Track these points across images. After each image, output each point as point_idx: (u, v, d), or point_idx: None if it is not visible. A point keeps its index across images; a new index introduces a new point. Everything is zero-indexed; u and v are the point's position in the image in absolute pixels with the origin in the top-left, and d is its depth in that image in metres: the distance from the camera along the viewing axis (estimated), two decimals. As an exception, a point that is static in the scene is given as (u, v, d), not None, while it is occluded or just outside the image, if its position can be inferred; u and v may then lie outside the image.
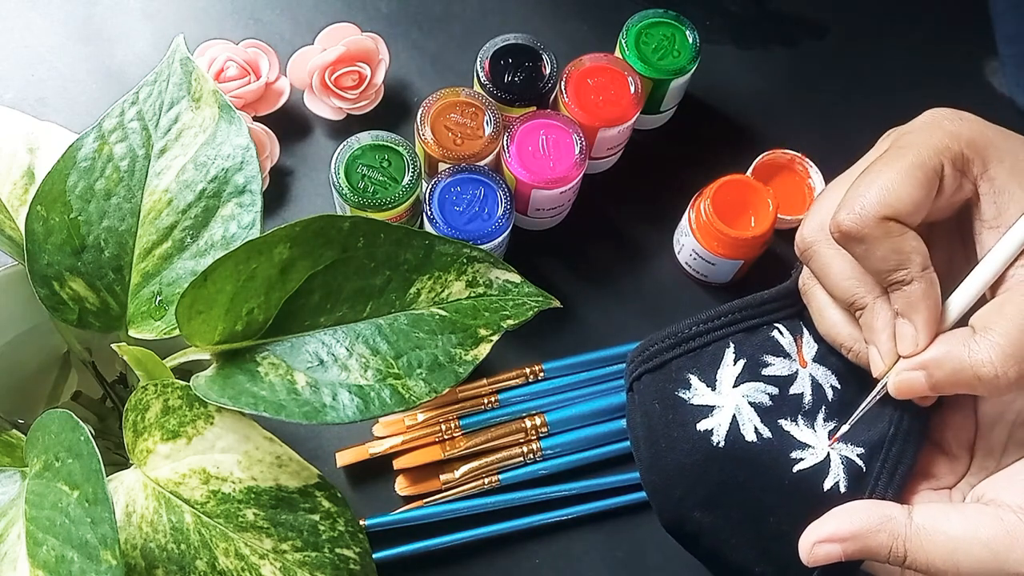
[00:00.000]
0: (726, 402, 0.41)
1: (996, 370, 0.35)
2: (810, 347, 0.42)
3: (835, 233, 0.38)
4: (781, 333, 0.42)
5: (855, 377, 0.42)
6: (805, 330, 0.43)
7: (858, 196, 0.37)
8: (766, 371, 0.41)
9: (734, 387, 0.41)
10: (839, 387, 0.42)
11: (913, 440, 0.40)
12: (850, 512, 0.37)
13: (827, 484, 0.39)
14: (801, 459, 0.40)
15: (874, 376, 0.39)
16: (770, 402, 0.41)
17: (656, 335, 0.43)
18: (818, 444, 0.41)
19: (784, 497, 0.40)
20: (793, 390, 0.41)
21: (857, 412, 0.40)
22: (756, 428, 0.40)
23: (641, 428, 0.42)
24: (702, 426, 0.41)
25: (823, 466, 0.40)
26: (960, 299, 0.38)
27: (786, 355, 0.42)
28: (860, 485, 0.40)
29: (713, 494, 0.41)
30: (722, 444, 0.40)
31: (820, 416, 0.41)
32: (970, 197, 0.39)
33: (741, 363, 0.41)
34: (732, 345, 0.42)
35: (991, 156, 0.38)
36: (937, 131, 0.38)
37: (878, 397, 0.39)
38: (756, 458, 0.40)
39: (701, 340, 0.42)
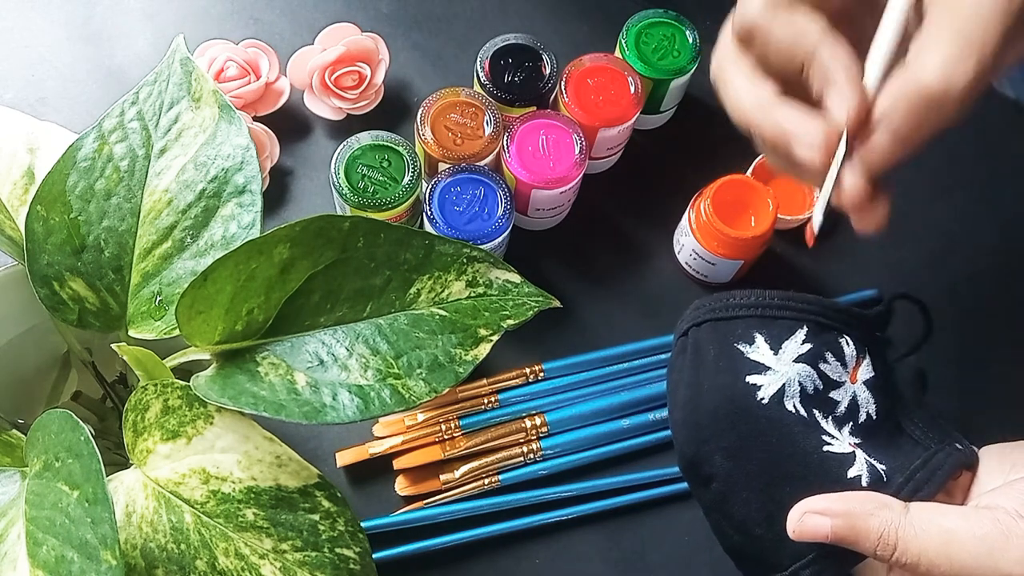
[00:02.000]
0: (783, 369, 0.42)
1: (944, 80, 0.33)
2: (866, 371, 0.43)
3: (736, 38, 0.37)
4: (848, 344, 0.43)
5: (893, 418, 0.42)
6: (869, 356, 0.43)
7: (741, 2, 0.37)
8: (822, 366, 0.42)
9: (794, 361, 0.41)
10: (875, 417, 0.42)
11: (938, 478, 0.40)
12: (848, 494, 0.37)
13: (851, 473, 0.40)
14: (830, 444, 0.40)
15: (810, 166, 0.36)
16: (812, 392, 0.42)
17: (733, 292, 0.44)
18: (843, 442, 0.41)
19: (808, 470, 0.40)
20: (833, 395, 0.42)
21: (820, 198, 0.37)
22: (795, 405, 0.41)
23: (688, 369, 0.43)
24: (752, 379, 0.41)
25: (849, 457, 0.40)
26: (882, 43, 0.36)
27: (844, 364, 0.42)
28: (879, 492, 0.40)
29: (740, 445, 0.41)
30: (765, 401, 0.41)
31: (847, 428, 0.42)
32: None
33: (808, 346, 0.42)
34: (806, 328, 0.43)
35: None
36: None
37: (833, 188, 0.36)
38: (791, 426, 0.41)
39: (780, 312, 0.43)
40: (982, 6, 0.34)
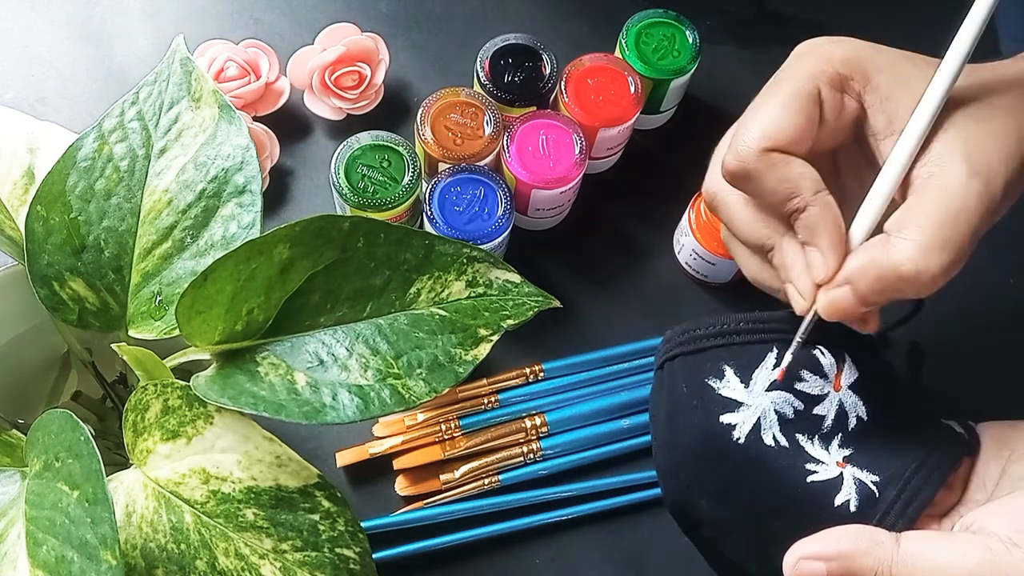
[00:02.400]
0: (755, 402, 0.41)
1: (917, 265, 0.35)
2: (850, 374, 0.42)
3: (725, 176, 0.38)
4: (823, 354, 0.42)
5: (886, 408, 0.42)
6: (848, 359, 0.42)
7: (739, 136, 0.38)
8: (799, 385, 0.41)
9: (767, 391, 0.41)
10: (866, 419, 0.41)
11: (935, 479, 0.39)
12: (839, 533, 0.37)
13: (838, 500, 0.39)
14: (815, 472, 0.40)
15: (798, 313, 0.39)
16: (793, 415, 0.41)
17: (700, 321, 0.43)
18: (829, 464, 0.40)
19: (794, 504, 0.40)
20: (817, 411, 0.41)
21: (796, 336, 0.40)
22: (774, 436, 0.40)
23: (664, 407, 0.42)
24: (725, 419, 0.40)
25: (836, 482, 0.40)
26: (869, 210, 0.38)
27: (824, 375, 0.42)
28: (870, 511, 0.39)
29: (723, 487, 0.40)
30: (742, 441, 0.40)
31: (836, 441, 0.41)
32: (858, 114, 0.39)
33: (778, 371, 0.41)
34: (775, 350, 0.41)
35: (869, 69, 0.38)
36: (810, 57, 0.39)
37: (810, 327, 0.40)
38: (772, 462, 0.40)
39: (748, 337, 0.42)
40: (966, 198, 0.35)
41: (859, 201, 0.38)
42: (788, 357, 0.41)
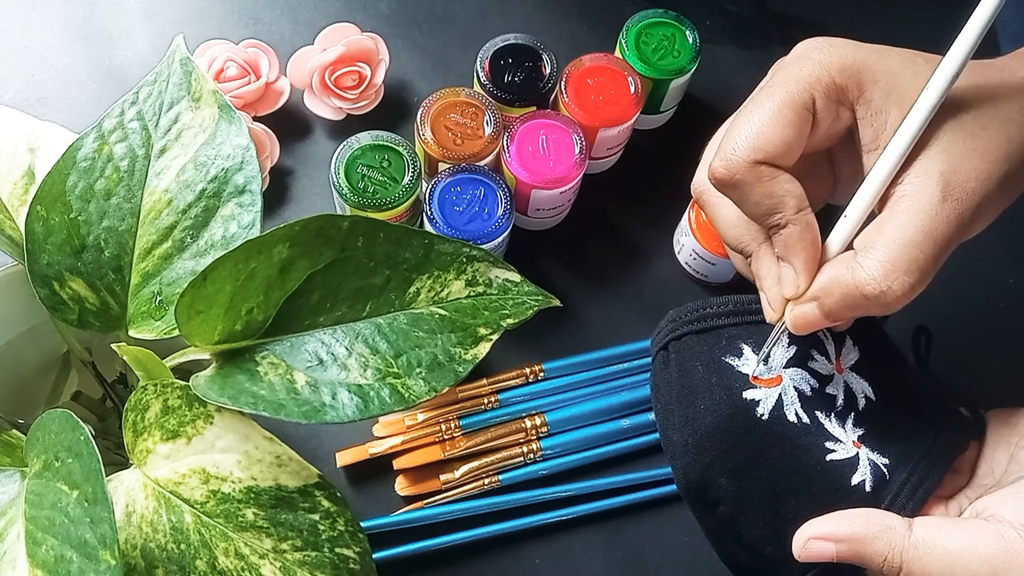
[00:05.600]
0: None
1: (880, 286, 0.35)
2: (850, 356, 0.42)
3: (712, 181, 0.38)
4: (826, 337, 0.42)
5: (893, 389, 0.42)
6: (849, 339, 0.43)
7: (729, 141, 0.37)
8: (812, 364, 0.42)
9: (784, 368, 0.41)
10: (874, 398, 0.42)
11: (943, 463, 0.40)
12: (850, 515, 0.37)
13: (855, 479, 0.39)
14: (834, 451, 0.40)
15: (768, 322, 0.40)
16: (810, 393, 0.41)
17: (708, 300, 0.43)
18: (847, 442, 0.41)
19: (812, 482, 0.40)
20: (829, 391, 0.42)
21: (764, 347, 0.41)
22: (797, 412, 0.40)
23: (676, 387, 0.42)
24: (748, 395, 0.40)
25: (853, 461, 0.40)
26: (845, 226, 0.38)
27: (827, 356, 0.42)
28: (881, 493, 0.40)
29: (744, 464, 0.41)
30: (765, 417, 0.40)
31: (849, 421, 0.41)
32: (851, 123, 0.38)
33: (794, 348, 0.41)
34: (788, 330, 0.42)
35: (865, 78, 0.38)
36: (806, 63, 0.38)
37: (781, 335, 0.40)
38: (794, 439, 0.40)
39: (760, 316, 0.42)
40: (935, 223, 0.35)
41: (853, 185, 0.38)
42: (763, 354, 0.41)
